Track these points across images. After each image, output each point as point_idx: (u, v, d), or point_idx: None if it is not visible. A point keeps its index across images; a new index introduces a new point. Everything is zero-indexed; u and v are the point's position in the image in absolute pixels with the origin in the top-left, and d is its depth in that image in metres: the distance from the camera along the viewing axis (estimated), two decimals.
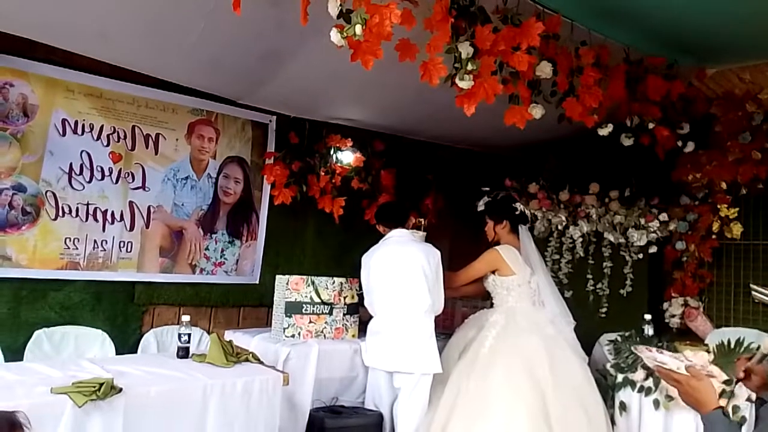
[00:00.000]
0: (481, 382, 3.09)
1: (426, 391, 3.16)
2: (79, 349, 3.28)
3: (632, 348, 2.96)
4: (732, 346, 3.06)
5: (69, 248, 3.36)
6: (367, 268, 3.39)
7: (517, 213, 3.69)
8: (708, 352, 3.10)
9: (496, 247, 3.54)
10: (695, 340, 3.94)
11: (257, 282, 4.10)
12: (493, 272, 3.52)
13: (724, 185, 4.23)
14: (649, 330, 3.48)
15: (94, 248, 3.44)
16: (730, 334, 3.40)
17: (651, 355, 1.98)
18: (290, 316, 3.36)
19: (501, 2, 2.50)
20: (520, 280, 3.45)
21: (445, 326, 3.82)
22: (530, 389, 3.01)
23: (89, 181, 3.42)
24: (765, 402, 1.76)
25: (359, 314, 3.58)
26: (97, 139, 3.44)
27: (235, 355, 2.85)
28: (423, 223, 4.42)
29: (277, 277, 3.52)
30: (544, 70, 2.65)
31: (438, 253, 3.33)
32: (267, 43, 2.96)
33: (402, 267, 3.26)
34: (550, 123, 2.88)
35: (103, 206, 3.47)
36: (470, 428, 2.96)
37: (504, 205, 3.77)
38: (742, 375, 1.87)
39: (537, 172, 4.86)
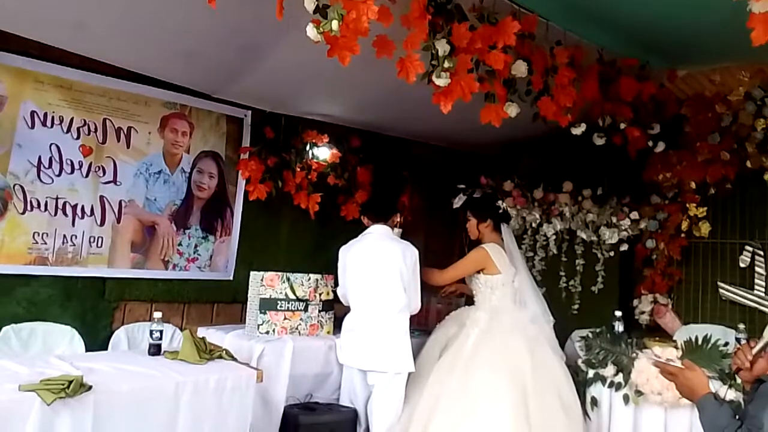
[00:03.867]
0: (464, 380, 3.09)
1: (400, 389, 3.15)
2: (47, 345, 3.21)
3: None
4: (700, 342, 3.13)
5: (37, 243, 3.29)
6: (343, 262, 3.38)
7: (500, 211, 3.75)
8: (676, 348, 3.17)
9: (484, 246, 3.53)
10: (664, 336, 4.02)
11: (231, 278, 4.06)
12: (479, 271, 3.53)
13: (693, 185, 4.32)
14: (619, 326, 3.53)
15: (63, 243, 3.38)
16: (697, 330, 3.49)
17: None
18: (265, 313, 3.33)
19: (478, 1, 2.52)
20: (505, 279, 3.46)
21: (420, 323, 3.83)
22: (512, 389, 3.02)
23: (58, 175, 3.35)
24: (764, 381, 1.81)
25: (334, 311, 3.57)
26: (67, 132, 3.37)
27: (208, 352, 2.82)
28: (399, 220, 4.42)
29: (252, 273, 3.49)
30: (520, 69, 2.67)
31: (416, 251, 3.32)
32: (243, 37, 2.93)
33: (378, 265, 3.25)
34: (524, 122, 2.90)
35: (72, 200, 3.40)
36: (453, 426, 2.96)
37: (488, 204, 3.81)
38: (748, 364, 1.91)
39: (512, 171, 4.90)
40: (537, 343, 3.30)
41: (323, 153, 4.21)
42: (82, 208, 3.44)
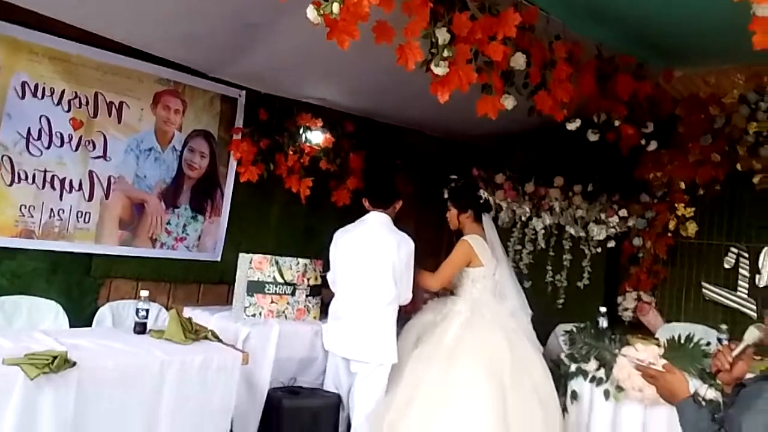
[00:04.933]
0: (443, 373, 3.07)
1: (382, 380, 3.13)
2: (31, 319, 3.18)
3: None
4: (682, 341, 3.17)
5: (24, 216, 3.25)
6: (335, 247, 3.35)
7: (482, 201, 3.66)
8: (658, 345, 3.20)
9: (466, 238, 3.48)
10: (647, 333, 4.07)
11: (219, 259, 4.04)
12: None
13: (682, 185, 4.36)
14: (603, 322, 3.56)
15: (50, 217, 3.34)
16: (680, 329, 3.53)
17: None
18: (252, 295, 3.33)
19: None
20: (486, 272, 3.43)
21: (406, 311, 3.83)
22: (491, 382, 3.02)
23: (47, 147, 3.30)
24: (744, 386, 1.83)
25: (322, 296, 3.57)
26: (58, 104, 3.32)
27: (193, 332, 2.81)
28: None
29: (241, 255, 3.48)
30: (518, 61, 2.67)
31: (411, 243, 3.26)
32: (242, 16, 2.90)
33: (372, 255, 3.21)
34: (520, 115, 2.91)
35: (61, 174, 3.36)
36: (429, 418, 2.96)
37: (468, 193, 3.70)
38: (728, 366, 1.93)
39: (504, 163, 4.92)
40: (517, 336, 3.30)
41: (316, 137, 4.18)
42: (71, 182, 3.40)
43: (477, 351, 3.15)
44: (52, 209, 3.34)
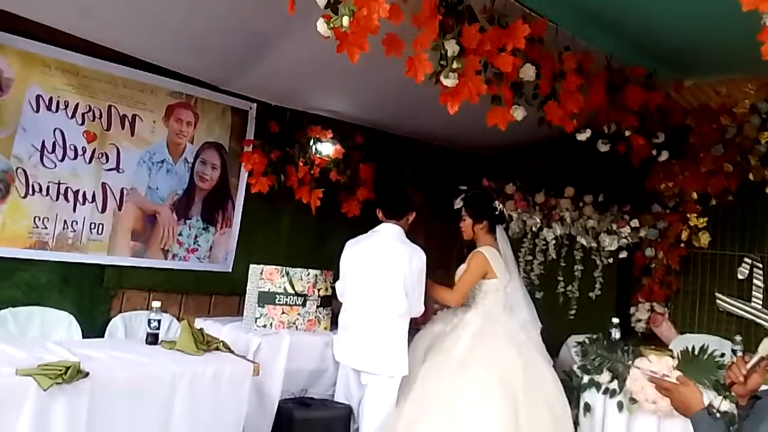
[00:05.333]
0: (453, 384, 3.05)
1: (392, 392, 3.10)
2: (45, 330, 3.21)
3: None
4: (696, 352, 3.14)
5: (38, 227, 3.29)
6: (345, 257, 3.34)
7: (497, 213, 3.64)
8: (672, 357, 3.17)
9: (481, 250, 3.44)
10: (660, 345, 4.03)
11: (230, 270, 4.06)
12: None
13: (694, 195, 4.33)
14: (615, 333, 3.53)
15: (63, 228, 3.37)
16: (693, 340, 3.49)
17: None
18: (263, 306, 3.34)
19: (489, 2, 2.52)
20: (499, 285, 3.40)
21: (417, 322, 3.81)
22: (503, 395, 2.99)
23: (61, 160, 3.34)
24: (759, 398, 1.81)
25: (332, 307, 3.57)
26: (72, 117, 3.36)
27: (205, 343, 2.82)
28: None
29: (252, 266, 3.49)
30: (528, 72, 2.67)
31: (423, 256, 3.23)
32: (252, 29, 2.93)
33: (381, 266, 3.19)
34: (530, 125, 2.91)
35: (74, 186, 3.40)
36: (440, 430, 2.93)
37: (484, 204, 3.67)
38: (742, 379, 1.91)
39: (514, 174, 4.91)
40: (528, 349, 3.28)
41: (327, 149, 4.21)
42: (84, 194, 3.43)
43: (488, 363, 3.12)
44: (65, 221, 3.38)
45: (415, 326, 3.51)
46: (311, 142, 4.15)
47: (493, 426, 2.91)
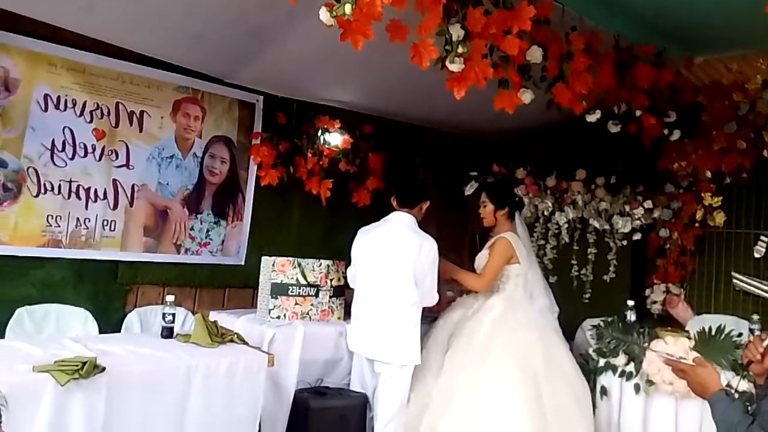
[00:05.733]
0: (477, 370, 3.06)
1: (405, 381, 3.11)
2: (61, 327, 3.25)
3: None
4: (713, 333, 3.11)
5: (51, 225, 3.32)
6: (357, 244, 3.33)
7: (517, 199, 3.65)
8: (688, 338, 3.15)
9: (505, 236, 3.42)
10: (676, 326, 3.99)
11: (243, 263, 4.08)
12: None
13: (708, 174, 4.28)
14: (631, 316, 3.51)
15: (76, 226, 3.40)
16: (710, 321, 3.46)
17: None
18: (276, 298, 3.35)
19: None
20: (520, 270, 3.40)
21: (431, 310, 3.81)
22: (525, 381, 3.00)
23: (72, 158, 3.37)
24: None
25: (345, 297, 3.58)
26: (80, 116, 3.38)
27: (219, 336, 2.84)
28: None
29: (263, 258, 3.50)
30: (535, 55, 2.64)
31: (434, 246, 3.19)
32: (254, 20, 2.92)
33: (391, 255, 3.18)
34: (538, 109, 2.87)
35: (86, 184, 3.42)
36: (468, 417, 2.94)
37: (506, 190, 3.68)
38: (759, 357, 1.90)
39: (524, 158, 4.88)
40: (548, 334, 3.30)
41: (335, 139, 4.20)
42: (95, 191, 3.46)
43: (509, 349, 3.13)
44: (78, 218, 3.40)
45: (429, 314, 3.51)
46: (319, 133, 4.14)
47: (518, 411, 2.92)
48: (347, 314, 3.49)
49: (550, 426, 2.95)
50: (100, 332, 3.30)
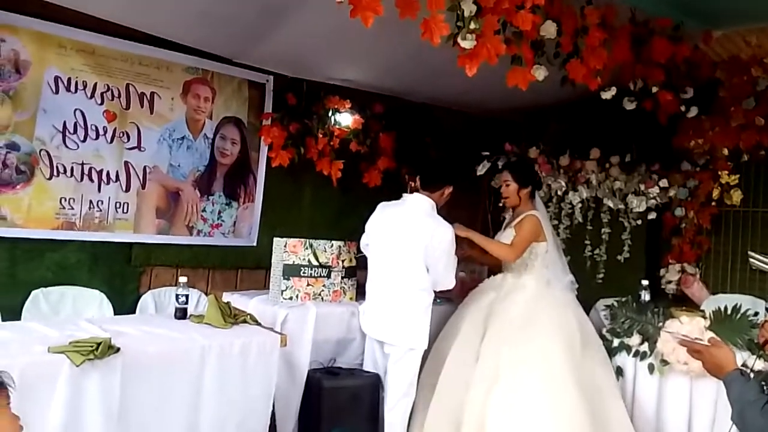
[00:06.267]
0: (517, 352, 3.07)
1: (413, 364, 3.10)
2: (76, 309, 3.29)
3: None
4: (728, 312, 3.08)
5: (64, 208, 3.33)
6: (374, 220, 3.29)
7: (538, 179, 3.65)
8: (704, 318, 3.12)
9: (534, 213, 3.42)
10: (691, 306, 3.96)
11: (255, 244, 4.09)
12: None
13: (725, 151, 4.20)
14: (645, 296, 3.48)
15: (89, 208, 3.42)
16: (726, 300, 3.42)
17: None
18: (288, 279, 3.35)
19: None
20: (548, 248, 3.41)
21: (442, 291, 3.79)
22: (568, 360, 3.04)
23: (83, 141, 3.37)
24: None
25: (357, 278, 3.58)
26: (91, 98, 3.38)
27: (233, 317, 2.85)
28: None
29: (275, 239, 3.50)
30: (549, 30, 2.59)
31: (448, 231, 3.10)
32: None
33: (403, 240, 3.12)
34: (552, 86, 2.82)
35: (98, 166, 3.43)
36: (512, 399, 2.96)
37: (529, 169, 3.68)
38: None
39: (537, 137, 4.82)
40: (580, 312, 3.34)
41: (345, 119, 4.17)
42: (108, 173, 3.46)
43: (550, 326, 3.15)
44: (91, 201, 3.42)
45: (440, 296, 3.48)
46: (330, 113, 4.11)
47: (561, 390, 2.94)
48: (360, 295, 3.49)
49: (591, 405, 2.96)
50: (115, 314, 3.34)
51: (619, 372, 3.24)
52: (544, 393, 2.95)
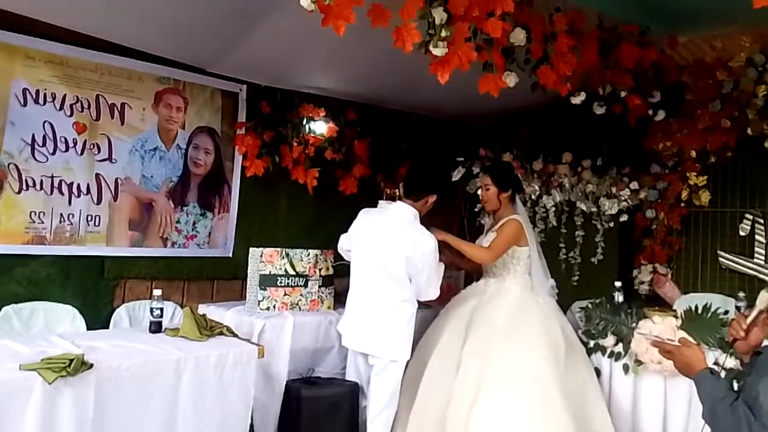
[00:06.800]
0: (502, 359, 3.03)
1: (396, 375, 3.06)
2: (49, 324, 3.21)
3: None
4: (699, 311, 3.14)
5: (34, 222, 3.27)
6: (357, 225, 3.24)
7: (518, 181, 3.60)
8: (676, 317, 3.17)
9: (516, 218, 3.38)
10: (664, 306, 4.03)
11: (230, 255, 4.05)
12: None
13: (693, 153, 4.30)
14: (619, 297, 3.53)
15: (60, 222, 3.36)
16: (697, 299, 3.49)
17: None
18: (265, 289, 3.33)
19: None
20: (529, 252, 3.37)
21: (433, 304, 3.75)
22: (553, 365, 3.02)
23: (53, 153, 3.31)
24: (761, 353, 1.82)
25: (335, 286, 3.57)
26: (60, 109, 3.33)
27: (209, 329, 2.82)
28: (398, 193, 4.37)
29: (251, 249, 3.47)
30: (518, 36, 2.62)
31: (431, 241, 3.03)
32: (234, 7, 2.87)
33: (384, 251, 3.06)
34: (523, 91, 2.86)
35: (68, 179, 3.37)
36: (498, 407, 2.92)
37: (509, 172, 3.61)
38: (743, 334, 1.93)
39: (511, 142, 4.87)
40: (562, 316, 3.33)
41: (320, 127, 4.16)
42: (78, 186, 3.41)
43: (535, 332, 3.12)
44: (61, 214, 3.36)
45: (419, 302, 3.46)
46: (304, 122, 4.10)
47: (548, 396, 2.92)
48: (337, 303, 3.48)
49: (576, 411, 2.95)
50: (89, 328, 3.27)
51: (596, 372, 3.28)
52: (531, 407, 2.91)
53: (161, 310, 2.91)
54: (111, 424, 2.24)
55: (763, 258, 4.12)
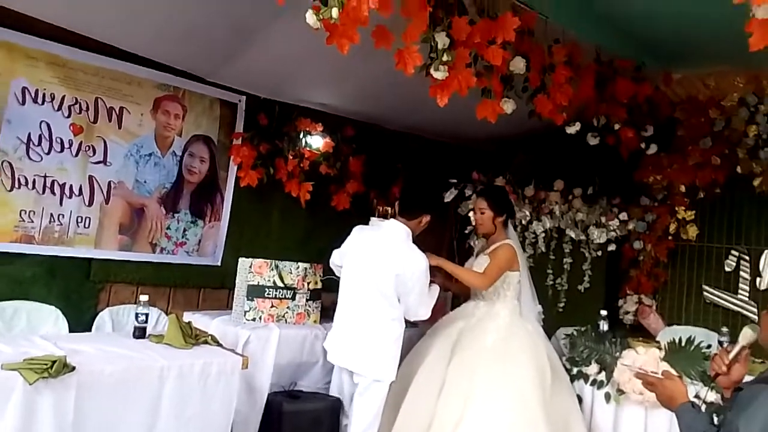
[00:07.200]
0: (489, 382, 3.03)
1: (380, 395, 3.02)
2: (31, 325, 3.17)
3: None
4: (683, 344, 3.16)
5: (24, 221, 3.25)
6: (350, 242, 3.24)
7: (512, 207, 3.61)
8: (659, 348, 3.20)
9: (509, 242, 3.39)
10: (648, 336, 4.07)
11: (219, 264, 4.04)
12: None
13: (683, 188, 4.37)
14: (604, 325, 3.56)
15: (50, 222, 3.34)
16: (681, 332, 3.53)
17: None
18: (252, 300, 3.32)
19: None
20: (520, 277, 3.38)
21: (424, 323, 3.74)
22: (540, 389, 3.03)
23: (48, 153, 3.30)
24: (742, 389, 1.84)
25: (322, 300, 3.56)
26: (58, 110, 3.32)
27: (193, 337, 2.81)
28: (390, 211, 4.39)
29: (241, 259, 3.47)
30: (518, 65, 2.68)
31: (423, 261, 3.03)
32: (239, 18, 2.90)
33: (375, 268, 3.05)
34: (520, 118, 2.91)
35: (61, 179, 3.36)
36: (483, 424, 2.92)
37: (505, 196, 3.61)
38: (725, 369, 1.95)
39: (504, 167, 4.93)
40: (547, 342, 3.35)
41: (316, 142, 4.18)
42: (71, 187, 3.40)
43: (524, 356, 3.13)
44: (52, 214, 3.34)
45: (411, 324, 3.44)
46: (301, 135, 4.12)
47: (535, 420, 2.92)
48: (324, 318, 3.47)
49: None
50: (71, 331, 3.23)
51: (578, 400, 3.29)
52: (516, 430, 2.91)
53: (147, 315, 2.89)
54: (90, 427, 2.21)
55: (746, 294, 4.18)
